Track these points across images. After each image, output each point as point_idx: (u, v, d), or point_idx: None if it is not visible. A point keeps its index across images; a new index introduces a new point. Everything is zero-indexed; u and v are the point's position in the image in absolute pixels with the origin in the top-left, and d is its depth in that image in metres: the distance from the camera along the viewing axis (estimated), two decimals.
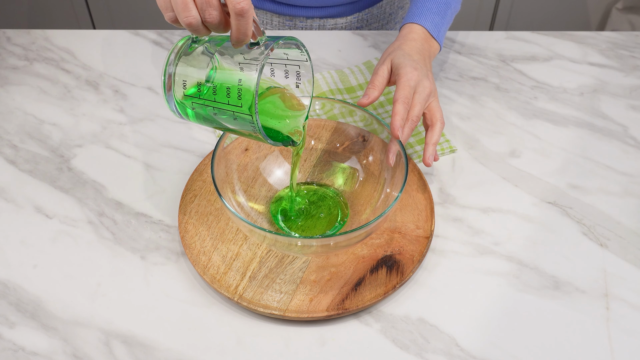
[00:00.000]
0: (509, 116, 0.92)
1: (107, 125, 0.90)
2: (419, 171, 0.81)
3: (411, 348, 0.65)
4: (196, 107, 0.61)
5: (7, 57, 1.01)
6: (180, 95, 0.61)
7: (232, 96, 0.58)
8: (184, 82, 0.61)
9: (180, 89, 0.61)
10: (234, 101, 0.58)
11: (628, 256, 0.74)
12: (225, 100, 0.58)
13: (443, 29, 0.86)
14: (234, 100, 0.58)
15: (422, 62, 0.79)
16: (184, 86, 0.61)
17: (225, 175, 0.74)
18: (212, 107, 0.60)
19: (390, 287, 0.69)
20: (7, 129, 0.89)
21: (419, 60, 0.79)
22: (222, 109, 0.59)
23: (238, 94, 0.57)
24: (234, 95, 0.58)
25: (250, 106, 0.57)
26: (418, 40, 0.82)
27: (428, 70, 0.79)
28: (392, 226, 0.75)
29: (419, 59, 0.79)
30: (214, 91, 0.59)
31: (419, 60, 0.79)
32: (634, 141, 0.88)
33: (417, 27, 0.83)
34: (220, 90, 0.58)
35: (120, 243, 0.75)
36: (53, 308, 0.69)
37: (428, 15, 0.84)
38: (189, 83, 0.60)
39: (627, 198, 0.80)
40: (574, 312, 0.69)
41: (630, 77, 0.99)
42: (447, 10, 0.86)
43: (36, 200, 0.80)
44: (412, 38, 0.82)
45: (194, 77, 0.60)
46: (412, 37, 0.82)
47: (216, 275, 0.70)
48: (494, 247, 0.75)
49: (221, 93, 0.58)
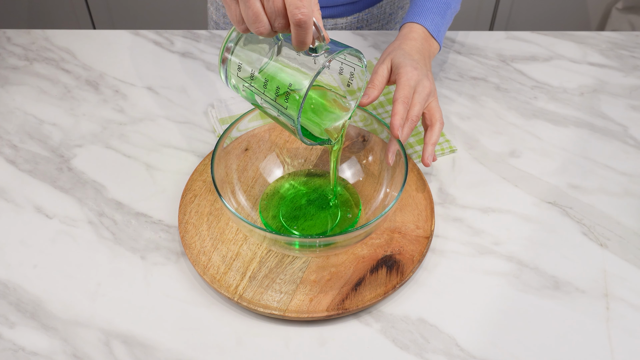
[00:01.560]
0: (509, 116, 0.92)
1: (107, 125, 0.90)
2: (418, 171, 0.81)
3: (411, 348, 0.65)
4: (246, 91, 0.62)
5: (7, 57, 1.01)
6: (234, 74, 0.62)
7: (280, 96, 0.59)
8: (239, 64, 0.62)
9: (235, 69, 0.62)
10: (281, 101, 0.59)
11: (628, 256, 0.74)
12: (274, 97, 0.59)
13: (443, 29, 0.86)
14: (282, 100, 0.59)
15: (422, 62, 0.79)
16: (239, 68, 0.62)
17: (225, 175, 0.74)
18: (261, 97, 0.61)
19: (390, 287, 0.69)
20: (7, 129, 0.89)
21: (418, 60, 0.79)
22: (269, 102, 0.60)
23: (285, 97, 0.58)
24: (282, 97, 0.59)
25: (294, 110, 0.58)
26: (418, 40, 0.82)
27: (428, 70, 0.79)
28: (392, 226, 0.75)
29: (418, 58, 0.79)
30: (264, 84, 0.60)
31: (419, 59, 0.79)
32: (634, 141, 0.88)
33: (417, 27, 0.83)
34: (271, 85, 0.59)
35: (120, 243, 0.75)
36: (53, 308, 0.69)
37: (428, 15, 0.84)
38: (245, 67, 0.61)
39: (627, 198, 0.80)
40: (574, 312, 0.69)
41: (630, 77, 0.99)
42: (447, 10, 0.86)
43: (36, 200, 0.80)
44: (412, 37, 0.82)
45: (250, 62, 0.61)
46: (412, 36, 0.82)
47: (216, 275, 0.70)
48: (494, 247, 0.75)
49: (271, 88, 0.59)
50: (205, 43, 1.03)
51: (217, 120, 0.89)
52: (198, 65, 0.99)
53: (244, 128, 0.76)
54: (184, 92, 0.95)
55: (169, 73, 0.98)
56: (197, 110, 0.92)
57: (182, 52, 1.02)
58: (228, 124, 0.88)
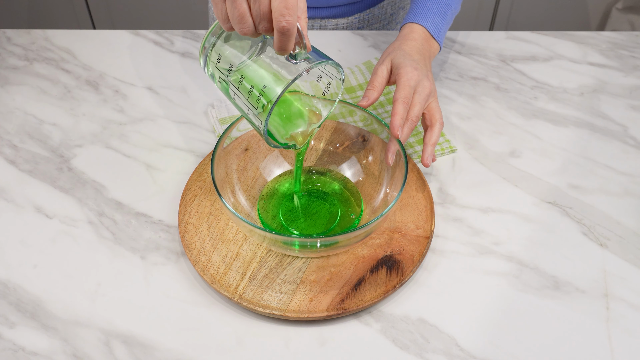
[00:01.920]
0: (509, 116, 0.92)
1: (107, 125, 0.90)
2: (418, 171, 0.81)
3: (411, 348, 0.65)
4: (222, 82, 0.63)
5: (7, 57, 1.01)
6: (213, 62, 0.63)
7: (252, 96, 0.60)
8: (219, 56, 0.62)
9: (215, 58, 0.63)
10: (253, 101, 0.59)
11: (628, 256, 0.74)
12: (246, 96, 0.60)
13: (443, 30, 0.86)
14: (253, 101, 0.59)
15: (422, 62, 0.79)
16: (219, 59, 0.62)
17: (225, 175, 0.74)
18: (234, 91, 0.61)
19: (390, 287, 0.69)
20: (7, 129, 0.89)
21: (419, 60, 0.79)
22: (241, 99, 0.61)
23: (257, 98, 0.59)
24: (254, 97, 0.60)
25: (263, 115, 0.59)
26: (418, 40, 0.82)
27: (428, 71, 0.79)
28: (392, 226, 0.75)
29: (419, 59, 0.79)
30: (240, 80, 0.60)
31: (419, 60, 0.79)
32: (634, 141, 0.88)
33: (417, 27, 0.83)
34: (245, 84, 0.60)
35: (120, 243, 0.75)
36: (53, 308, 0.69)
37: (428, 15, 0.84)
38: (224, 58, 0.62)
39: (627, 198, 0.80)
40: (574, 312, 0.69)
41: (630, 77, 0.99)
42: (447, 11, 0.86)
43: (36, 200, 0.80)
44: (413, 38, 0.82)
45: (232, 55, 0.62)
46: (412, 37, 0.82)
47: (216, 275, 0.70)
48: (494, 247, 0.75)
49: (244, 87, 0.60)
50: None
51: (217, 120, 0.89)
52: (198, 65, 0.99)
53: (244, 128, 0.76)
54: (184, 92, 0.95)
55: (169, 73, 0.98)
56: (197, 110, 0.92)
57: (182, 52, 1.02)
58: (228, 124, 0.88)
